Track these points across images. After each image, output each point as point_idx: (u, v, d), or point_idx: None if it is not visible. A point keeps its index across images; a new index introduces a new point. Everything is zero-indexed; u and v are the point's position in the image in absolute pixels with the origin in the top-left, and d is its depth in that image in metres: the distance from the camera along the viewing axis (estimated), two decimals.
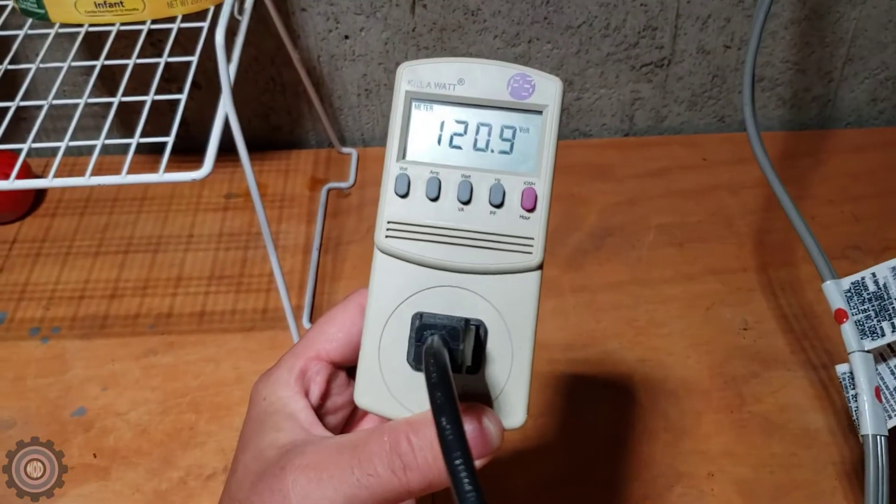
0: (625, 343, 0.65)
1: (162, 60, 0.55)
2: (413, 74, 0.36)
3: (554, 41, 0.76)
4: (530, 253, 0.36)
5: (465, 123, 0.36)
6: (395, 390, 0.36)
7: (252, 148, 0.54)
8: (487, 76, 0.36)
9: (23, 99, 0.54)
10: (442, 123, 0.36)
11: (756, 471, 0.56)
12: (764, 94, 0.81)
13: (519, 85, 0.36)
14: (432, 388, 0.29)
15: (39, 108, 0.54)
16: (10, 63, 0.57)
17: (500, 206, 0.36)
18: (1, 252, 0.73)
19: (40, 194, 0.78)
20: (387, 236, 0.35)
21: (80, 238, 0.74)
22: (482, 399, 0.36)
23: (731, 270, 0.70)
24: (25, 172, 0.75)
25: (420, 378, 0.34)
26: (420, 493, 0.32)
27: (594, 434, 0.59)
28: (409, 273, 0.35)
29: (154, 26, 0.58)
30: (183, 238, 0.74)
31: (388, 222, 0.35)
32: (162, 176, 0.48)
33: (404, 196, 0.36)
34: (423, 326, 0.33)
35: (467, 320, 0.34)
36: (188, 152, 0.61)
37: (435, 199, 0.35)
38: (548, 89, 0.36)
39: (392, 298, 0.35)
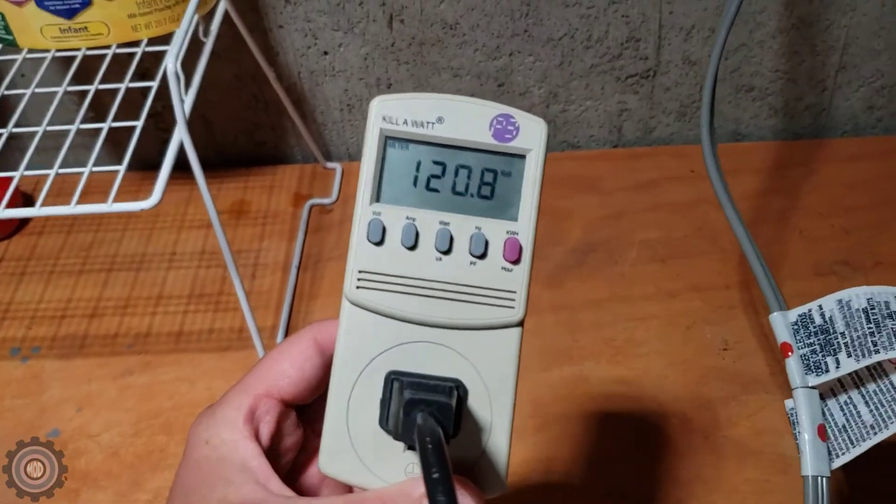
0: (602, 362, 0.63)
1: (122, 86, 0.55)
2: (388, 111, 0.33)
3: (536, 53, 0.74)
4: (512, 308, 0.34)
5: (444, 165, 0.34)
6: (365, 457, 0.34)
7: (238, 164, 0.53)
8: (468, 116, 0.34)
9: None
10: (418, 164, 0.34)
11: (728, 497, 0.55)
12: (755, 104, 0.79)
13: (502, 126, 0.34)
14: (433, 484, 0.27)
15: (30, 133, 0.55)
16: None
17: (481, 256, 0.34)
18: None
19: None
20: (358, 287, 0.33)
21: (65, 256, 0.75)
22: (459, 465, 0.34)
23: (714, 287, 0.68)
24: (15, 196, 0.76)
25: (392, 444, 0.33)
26: None
27: (567, 454, 0.58)
28: (382, 327, 0.33)
29: (119, 50, 0.58)
30: (166, 256, 0.75)
31: (360, 272, 0.33)
32: (111, 206, 0.48)
33: (378, 244, 0.33)
34: (411, 402, 0.31)
35: (455, 387, 0.33)
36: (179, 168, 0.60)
37: (412, 248, 0.33)
38: (532, 132, 0.34)
39: (362, 354, 0.33)
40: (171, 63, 0.49)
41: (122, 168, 0.50)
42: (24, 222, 0.78)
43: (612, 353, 0.64)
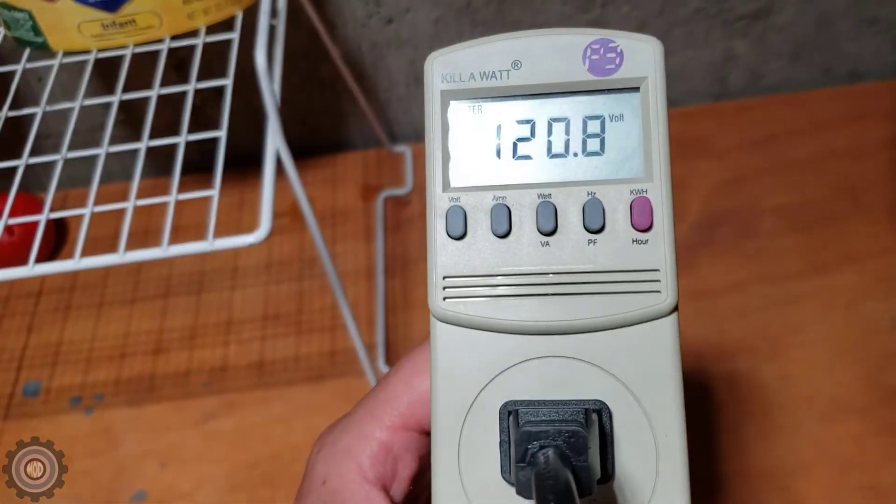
0: (759, 357, 0.55)
1: (190, 87, 0.45)
2: (447, 66, 0.26)
3: (633, 1, 0.64)
4: (657, 291, 0.25)
5: (532, 122, 0.26)
6: None
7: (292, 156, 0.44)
8: (553, 51, 0.26)
9: (32, 153, 0.45)
10: (498, 128, 0.26)
11: None
12: (876, 39, 0.69)
13: (600, 56, 0.26)
14: None
15: (54, 136, 0.45)
16: (11, 108, 0.47)
17: (600, 230, 0.25)
18: (27, 308, 0.65)
19: (62, 233, 0.69)
20: (445, 298, 0.25)
21: (112, 283, 0.66)
22: None
23: (869, 255, 0.59)
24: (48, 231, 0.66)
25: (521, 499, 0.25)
26: None
27: (737, 473, 0.50)
28: (485, 346, 0.25)
29: (174, 44, 0.48)
30: (227, 273, 0.65)
31: (444, 278, 0.25)
32: (213, 244, 0.38)
33: (460, 237, 0.26)
34: (525, 437, 0.22)
35: (586, 409, 0.24)
36: (205, 166, 0.50)
37: (505, 236, 0.26)
38: (642, 55, 0.26)
39: (467, 386, 0.25)
40: (261, 56, 0.39)
41: (215, 193, 0.40)
42: (58, 246, 0.68)
43: (767, 344, 0.56)
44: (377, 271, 0.63)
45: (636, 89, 0.26)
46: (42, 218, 0.41)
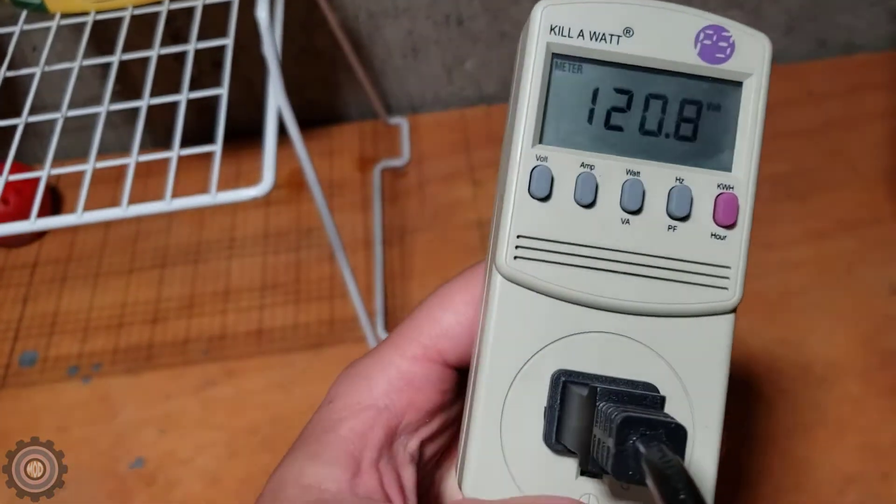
0: (757, 321, 0.55)
1: (190, 48, 0.45)
2: (557, 18, 0.25)
3: None
4: (725, 288, 0.26)
5: (630, 94, 0.26)
6: (524, 483, 0.25)
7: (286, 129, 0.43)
8: (667, 27, 0.25)
9: (31, 112, 0.44)
10: (596, 92, 0.25)
11: None
12: (872, 11, 0.70)
13: (712, 42, 0.25)
14: None
15: (52, 120, 0.44)
16: (9, 68, 0.46)
17: (684, 218, 0.25)
18: (22, 279, 0.64)
19: (57, 207, 0.69)
20: (516, 257, 0.25)
21: (109, 254, 0.65)
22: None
23: (865, 223, 0.60)
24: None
25: (559, 466, 0.25)
26: None
27: (738, 437, 0.51)
28: (546, 311, 0.25)
29: (174, 6, 0.47)
30: (224, 243, 0.65)
31: (519, 237, 0.25)
32: (216, 197, 0.38)
33: (544, 199, 0.25)
34: (627, 423, 0.22)
35: (664, 397, 0.24)
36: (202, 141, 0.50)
37: (589, 206, 0.25)
38: (753, 50, 0.25)
39: (520, 347, 0.25)
40: (263, 10, 0.39)
41: (217, 148, 0.40)
42: None
43: (766, 308, 0.56)
44: (375, 241, 0.63)
45: (739, 84, 0.25)
46: (43, 174, 0.41)
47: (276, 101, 0.42)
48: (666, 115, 0.26)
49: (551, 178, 0.25)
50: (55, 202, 0.69)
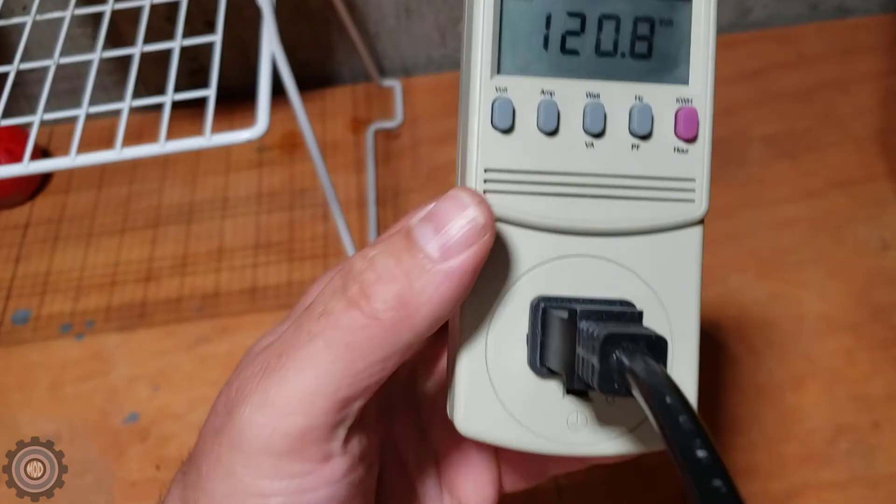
0: (750, 277, 0.56)
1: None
2: None
3: None
4: (691, 201, 0.26)
5: (582, 17, 0.26)
6: (514, 409, 0.26)
7: (279, 90, 0.43)
8: None
9: (17, 84, 0.44)
10: (548, 18, 0.26)
11: None
12: None
13: None
14: (699, 467, 0.18)
15: (39, 70, 0.44)
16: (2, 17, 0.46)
17: (647, 136, 0.26)
18: (14, 239, 0.64)
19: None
20: (485, 191, 0.25)
21: (101, 214, 0.65)
22: (631, 416, 0.27)
23: (858, 181, 0.60)
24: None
25: (546, 389, 0.26)
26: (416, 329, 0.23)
27: (727, 387, 0.51)
28: (520, 242, 0.26)
29: None
30: (217, 203, 0.65)
31: (486, 170, 0.25)
32: (210, 139, 0.38)
33: (507, 131, 0.25)
34: (610, 339, 0.22)
35: (641, 311, 0.25)
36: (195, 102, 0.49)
37: (553, 133, 0.25)
38: None
39: (498, 279, 0.26)
40: None
41: (211, 93, 0.40)
42: (45, 180, 0.68)
43: (758, 265, 0.56)
44: (369, 201, 0.63)
45: None
46: (35, 119, 0.41)
47: (270, 46, 0.42)
48: (620, 35, 0.26)
49: (513, 109, 0.25)
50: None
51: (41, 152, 0.68)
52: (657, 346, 0.22)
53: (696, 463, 0.18)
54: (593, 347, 0.22)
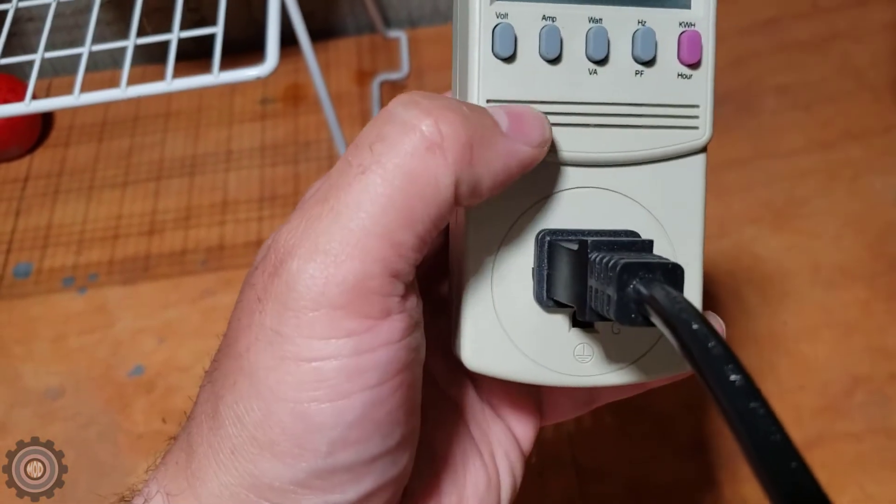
0: (764, 228, 0.55)
1: None
2: None
3: None
4: (695, 128, 0.25)
5: None
6: (521, 342, 0.25)
7: (284, 41, 0.41)
8: None
9: (13, 34, 0.42)
10: None
11: None
12: None
13: None
14: (732, 390, 0.18)
15: (37, 20, 0.42)
16: None
17: (650, 62, 0.25)
18: (14, 193, 0.63)
19: (48, 121, 0.67)
20: None
21: (102, 168, 0.64)
22: (637, 345, 0.26)
23: (873, 132, 0.59)
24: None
25: (552, 322, 0.25)
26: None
27: (742, 337, 0.50)
28: (524, 175, 0.24)
29: None
30: (221, 156, 0.64)
31: (489, 101, 0.24)
32: (218, 77, 0.37)
33: (509, 59, 0.24)
34: (627, 269, 0.21)
35: (651, 240, 0.24)
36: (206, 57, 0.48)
37: (556, 60, 0.24)
38: None
39: (502, 214, 0.25)
40: None
41: (218, 30, 0.38)
42: (44, 133, 0.66)
43: (772, 216, 0.55)
44: None
45: None
46: (36, 57, 0.39)
47: None
48: None
49: (514, 36, 0.24)
50: (45, 121, 0.67)
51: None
52: (673, 274, 0.21)
53: (730, 386, 0.17)
54: (609, 278, 0.22)
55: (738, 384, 0.17)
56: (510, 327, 0.25)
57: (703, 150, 0.26)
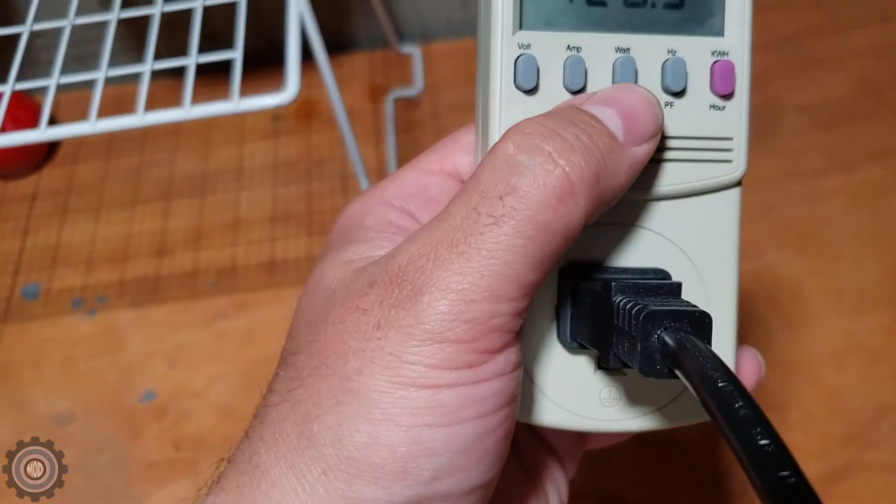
0: (787, 251, 0.54)
1: None
2: None
3: None
4: (729, 161, 0.24)
5: None
6: (546, 384, 0.25)
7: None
8: None
9: (25, 61, 0.42)
10: None
11: None
12: None
13: None
14: (759, 454, 0.17)
15: (46, 36, 0.41)
16: None
17: (681, 93, 0.24)
18: (21, 211, 0.62)
19: (54, 143, 0.66)
20: None
21: (111, 186, 0.63)
22: (666, 390, 0.25)
23: (894, 153, 0.58)
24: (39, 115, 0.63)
25: (576, 364, 0.25)
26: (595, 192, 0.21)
27: (766, 363, 0.49)
28: None
29: None
30: (232, 174, 0.63)
31: None
32: (238, 104, 0.36)
33: (531, 91, 0.23)
34: (651, 317, 0.21)
35: (679, 283, 0.23)
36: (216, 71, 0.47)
37: (580, 91, 0.24)
38: None
39: None
40: None
41: (238, 55, 0.37)
42: (52, 150, 0.65)
43: (795, 239, 0.54)
44: (389, 171, 0.61)
45: None
46: (51, 83, 0.38)
47: (299, 6, 0.39)
48: None
49: (537, 67, 0.23)
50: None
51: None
52: (701, 323, 0.21)
53: (760, 452, 0.17)
54: (632, 326, 0.21)
55: (768, 450, 0.17)
56: (535, 369, 0.25)
57: (738, 183, 0.25)
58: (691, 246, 0.24)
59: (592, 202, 0.21)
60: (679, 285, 0.23)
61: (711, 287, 0.25)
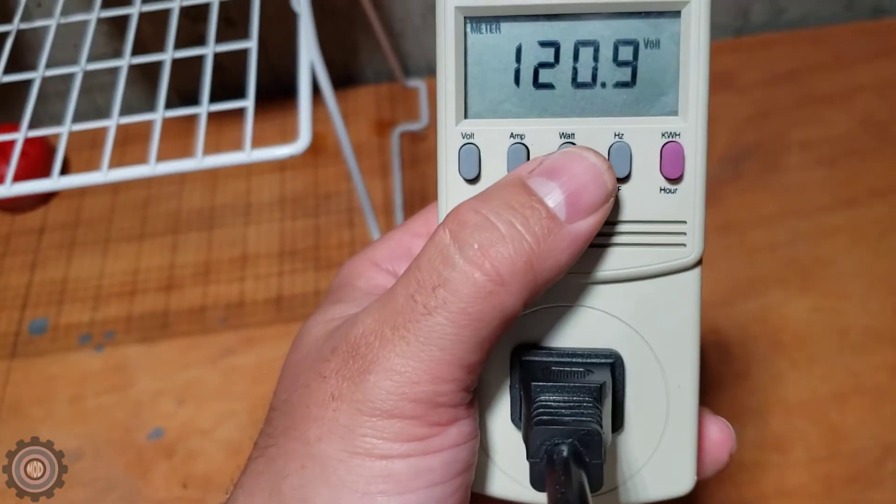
0: (790, 290, 0.54)
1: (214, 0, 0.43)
2: None
3: None
4: (682, 245, 0.24)
5: (556, 46, 0.23)
6: (501, 460, 0.25)
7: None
8: None
9: (39, 96, 0.42)
10: (518, 50, 0.23)
11: None
12: None
13: None
14: None
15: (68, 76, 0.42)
16: (22, 20, 0.44)
17: (625, 178, 0.23)
18: (29, 245, 0.62)
19: (62, 172, 0.66)
20: None
21: (119, 219, 0.63)
22: (626, 468, 0.25)
23: None
24: (49, 153, 0.63)
25: None
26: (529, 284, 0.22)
27: (770, 403, 0.50)
28: None
29: None
30: (239, 208, 0.63)
31: None
32: (251, 155, 0.36)
33: (473, 181, 0.24)
34: (540, 434, 0.22)
35: (601, 385, 0.23)
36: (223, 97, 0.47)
37: None
38: None
39: None
40: None
41: (249, 104, 0.38)
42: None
43: (799, 277, 0.55)
44: (395, 206, 0.61)
45: (677, 14, 0.23)
46: (63, 130, 0.39)
47: (310, 55, 0.40)
48: (599, 63, 0.23)
49: (479, 157, 0.23)
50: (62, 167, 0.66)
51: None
52: (591, 441, 0.21)
53: None
54: (526, 430, 0.22)
55: None
56: (489, 442, 0.25)
57: (697, 264, 0.24)
58: (646, 327, 0.24)
59: (527, 287, 0.21)
60: (601, 386, 0.23)
61: (669, 370, 0.25)
